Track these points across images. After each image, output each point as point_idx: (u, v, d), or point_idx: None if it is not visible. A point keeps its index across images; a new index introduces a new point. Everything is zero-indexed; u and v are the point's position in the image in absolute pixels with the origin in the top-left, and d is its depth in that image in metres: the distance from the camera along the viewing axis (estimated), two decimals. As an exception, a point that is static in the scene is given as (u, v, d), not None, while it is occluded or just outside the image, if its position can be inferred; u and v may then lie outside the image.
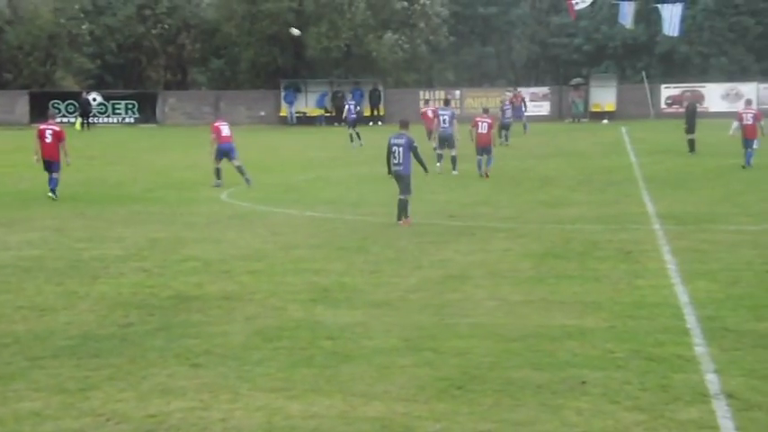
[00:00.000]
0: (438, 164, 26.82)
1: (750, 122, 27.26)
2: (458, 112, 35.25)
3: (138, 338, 9.67)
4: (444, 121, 27.64)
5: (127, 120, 58.78)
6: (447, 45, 64.29)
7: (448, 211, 19.22)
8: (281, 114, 58.45)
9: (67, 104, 58.02)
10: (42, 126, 22.66)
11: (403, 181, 17.62)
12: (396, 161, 17.63)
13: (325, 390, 8.06)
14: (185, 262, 13.93)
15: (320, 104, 58.75)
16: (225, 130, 25.08)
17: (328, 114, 57.85)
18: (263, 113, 58.87)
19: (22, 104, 57.43)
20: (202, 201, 21.81)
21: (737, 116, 28.20)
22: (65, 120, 54.62)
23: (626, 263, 13.43)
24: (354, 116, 39.87)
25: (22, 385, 8.12)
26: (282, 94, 58.62)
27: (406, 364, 8.76)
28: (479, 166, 26.10)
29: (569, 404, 7.63)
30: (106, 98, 59.16)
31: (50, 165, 22.13)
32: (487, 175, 25.70)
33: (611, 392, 7.87)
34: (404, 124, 18.29)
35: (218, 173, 25.02)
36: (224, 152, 24.91)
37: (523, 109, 44.93)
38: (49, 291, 11.90)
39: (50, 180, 22.03)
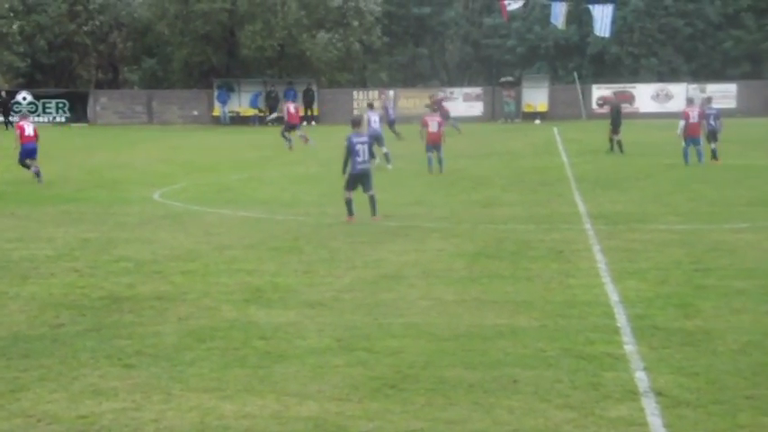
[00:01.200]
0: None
1: (696, 120, 28.03)
2: (382, 112, 36.38)
3: (69, 339, 9.55)
4: (375, 122, 29.04)
5: (58, 119, 57.84)
6: (380, 45, 64.47)
7: (382, 210, 19.27)
8: (214, 114, 58.04)
9: (-3, 103, 56.85)
10: None
11: (369, 178, 18.09)
12: (361, 159, 17.94)
13: (259, 390, 8.05)
14: (117, 262, 13.79)
15: (254, 104, 58.47)
16: (28, 129, 25.45)
17: (262, 114, 57.60)
18: (195, 113, 58.44)
19: (-52, 102, 56.08)
20: (134, 201, 21.58)
21: (684, 115, 28.84)
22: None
23: (557, 262, 13.63)
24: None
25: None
26: (215, 93, 58.22)
27: (340, 363, 8.79)
28: (430, 162, 27.03)
29: (501, 403, 7.73)
30: (36, 97, 58.16)
31: None
32: (432, 172, 26.58)
33: (542, 391, 7.99)
34: (356, 123, 18.89)
35: (37, 174, 25.31)
36: (27, 152, 25.31)
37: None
38: (-26, 292, 11.69)
39: None
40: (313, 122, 55.44)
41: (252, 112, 58.04)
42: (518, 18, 66.60)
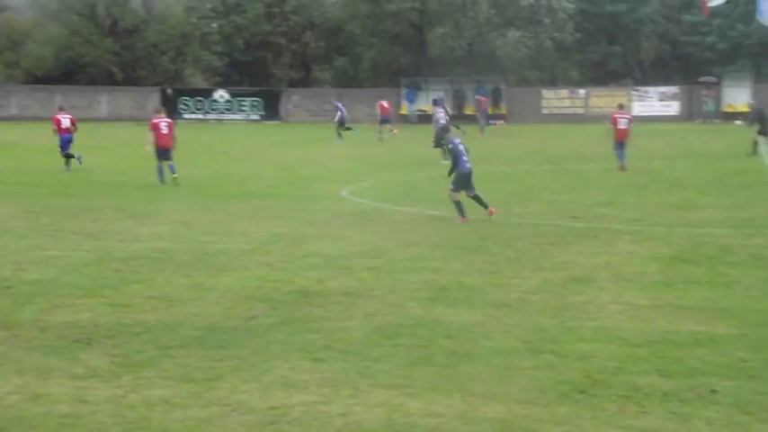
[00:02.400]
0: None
1: None
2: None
3: (261, 331, 9.78)
4: (442, 117, 32.61)
5: (252, 117, 59.99)
6: (572, 42, 63.32)
7: (570, 211, 18.89)
8: (402, 112, 58.65)
9: (196, 101, 59.62)
10: (156, 120, 25.00)
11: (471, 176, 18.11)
12: (467, 158, 18.16)
13: (445, 389, 7.99)
14: (307, 257, 14.05)
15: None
16: (65, 122, 28.60)
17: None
18: (384, 111, 59.19)
19: (153, 101, 59.24)
20: (324, 197, 22.01)
21: None
22: (192, 116, 56.17)
23: (759, 269, 12.90)
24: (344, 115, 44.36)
25: (152, 373, 8.31)
26: (403, 92, 58.83)
27: (527, 366, 8.62)
28: (620, 159, 27.37)
29: (699, 413, 7.36)
30: (233, 95, 60.48)
31: (166, 152, 24.62)
32: (624, 169, 26.98)
33: (744, 402, 7.55)
34: (448, 129, 21.05)
35: (69, 157, 28.19)
36: (65, 141, 28.39)
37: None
38: (177, 282, 12.17)
39: (169, 167, 24.48)
40: (501, 121, 55.10)
41: (439, 110, 58.26)
42: (720, 15, 63.83)
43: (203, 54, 64.84)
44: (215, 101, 59.70)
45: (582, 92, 55.95)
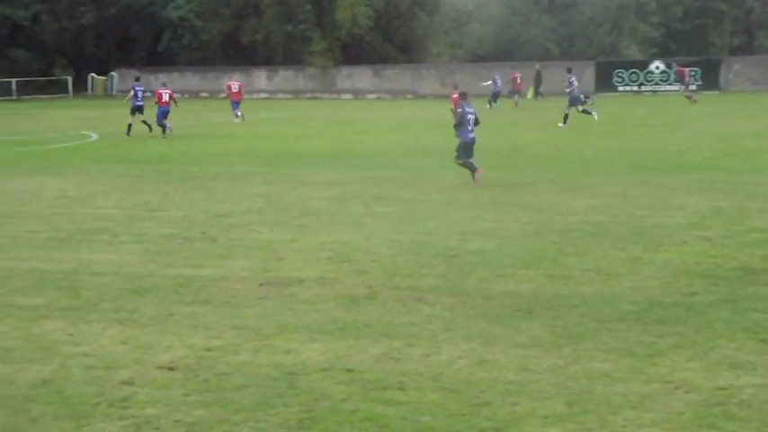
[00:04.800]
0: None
1: None
2: None
3: (702, 308, 9.45)
4: (575, 86, 35.02)
5: (690, 87, 58.03)
6: None
7: None
8: None
9: (630, 73, 58.86)
10: (455, 95, 28.00)
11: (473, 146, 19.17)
12: (470, 128, 18.99)
13: None
14: (750, 233, 13.33)
15: None
16: (164, 96, 32.94)
17: None
18: None
19: (588, 74, 59.37)
20: (769, 170, 20.68)
21: None
22: (627, 89, 55.48)
23: None
24: (498, 90, 45.92)
25: (591, 346, 8.35)
26: None
27: None
28: None
29: None
30: (669, 66, 58.86)
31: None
32: None
33: None
34: (465, 96, 20.16)
35: (163, 128, 32.89)
36: (162, 113, 32.90)
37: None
38: (613, 255, 12.12)
39: None
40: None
41: None
42: None
43: (639, 25, 63.74)
44: (650, 72, 58.45)
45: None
